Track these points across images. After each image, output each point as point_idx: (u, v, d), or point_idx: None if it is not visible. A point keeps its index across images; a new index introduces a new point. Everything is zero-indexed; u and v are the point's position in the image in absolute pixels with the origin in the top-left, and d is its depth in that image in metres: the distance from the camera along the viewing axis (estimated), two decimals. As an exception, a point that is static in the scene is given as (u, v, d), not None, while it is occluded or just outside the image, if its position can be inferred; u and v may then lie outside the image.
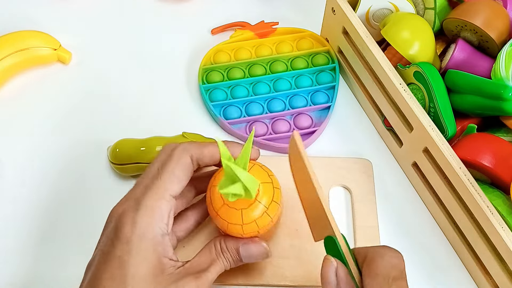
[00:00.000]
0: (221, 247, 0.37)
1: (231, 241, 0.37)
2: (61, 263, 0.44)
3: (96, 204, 0.47)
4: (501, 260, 0.39)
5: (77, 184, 0.48)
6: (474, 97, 0.44)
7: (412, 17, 0.48)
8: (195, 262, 0.36)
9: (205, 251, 0.37)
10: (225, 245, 0.37)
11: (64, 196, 0.48)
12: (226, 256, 0.37)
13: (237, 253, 0.37)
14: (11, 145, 0.50)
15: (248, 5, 0.61)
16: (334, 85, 0.53)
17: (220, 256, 0.37)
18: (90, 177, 0.49)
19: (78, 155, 0.50)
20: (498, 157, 0.42)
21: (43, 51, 0.54)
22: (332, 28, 0.53)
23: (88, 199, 0.47)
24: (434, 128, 0.42)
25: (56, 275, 0.44)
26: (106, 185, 0.48)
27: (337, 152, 0.51)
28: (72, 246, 0.45)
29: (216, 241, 0.37)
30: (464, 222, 0.42)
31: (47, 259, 0.45)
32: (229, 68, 0.54)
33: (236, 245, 0.37)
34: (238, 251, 0.37)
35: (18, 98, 0.53)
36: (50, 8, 0.60)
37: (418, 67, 0.45)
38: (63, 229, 0.46)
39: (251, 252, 0.37)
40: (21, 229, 0.46)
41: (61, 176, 0.49)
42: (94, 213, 0.46)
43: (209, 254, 0.37)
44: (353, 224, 0.46)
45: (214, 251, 0.37)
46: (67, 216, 0.47)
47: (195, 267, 0.35)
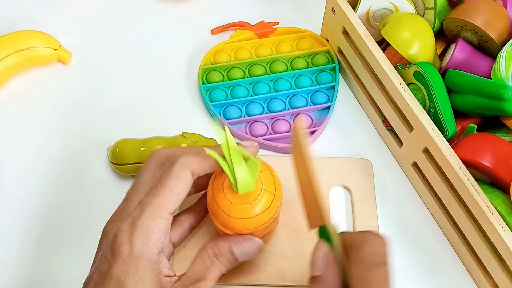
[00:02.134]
0: (214, 252, 0.36)
1: (222, 243, 0.36)
2: (60, 263, 0.44)
3: (96, 204, 0.47)
4: (501, 260, 0.39)
5: (77, 184, 0.48)
6: (474, 97, 0.44)
7: (412, 17, 0.48)
8: (191, 273, 0.35)
9: (198, 260, 0.36)
10: (218, 249, 0.36)
11: (64, 196, 0.48)
12: (221, 260, 0.36)
13: (231, 253, 0.36)
14: (11, 145, 0.50)
15: (248, 5, 0.61)
16: (334, 85, 0.53)
17: (214, 262, 0.36)
18: (90, 177, 0.49)
19: (78, 155, 0.50)
20: (498, 157, 0.42)
21: (43, 51, 0.54)
22: (332, 28, 0.53)
23: (88, 199, 0.47)
24: (434, 128, 0.42)
25: (55, 275, 0.44)
26: (106, 185, 0.48)
27: (337, 152, 0.51)
28: (72, 246, 0.45)
29: (206, 248, 0.36)
30: (464, 222, 0.42)
31: (46, 259, 0.45)
32: (229, 68, 0.54)
33: (228, 246, 0.36)
34: (232, 251, 0.36)
35: (18, 98, 0.53)
36: (50, 8, 0.60)
37: (418, 67, 0.45)
38: (63, 229, 0.46)
39: (244, 249, 0.36)
40: (20, 229, 0.46)
41: (61, 176, 0.49)
42: (94, 213, 0.46)
43: (202, 262, 0.36)
44: (353, 224, 0.46)
45: (207, 258, 0.36)
46: (67, 216, 0.47)
47: (192, 278, 0.35)
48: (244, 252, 0.37)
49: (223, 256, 0.36)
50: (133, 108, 0.53)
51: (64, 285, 0.43)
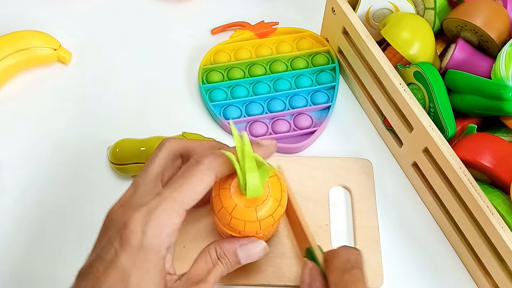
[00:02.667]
0: (218, 253, 0.36)
1: (227, 245, 0.36)
2: (61, 263, 0.44)
3: (96, 204, 0.47)
4: (501, 260, 0.39)
5: (77, 184, 0.48)
6: (474, 97, 0.44)
7: (412, 17, 0.48)
8: (192, 273, 0.35)
9: (201, 261, 0.36)
10: (221, 251, 0.36)
11: (64, 195, 0.48)
12: (224, 262, 0.36)
13: (235, 256, 0.36)
14: (11, 145, 0.50)
15: (248, 5, 0.61)
16: (334, 85, 0.53)
17: (217, 263, 0.36)
18: (90, 177, 0.49)
19: (78, 155, 0.50)
20: (498, 157, 0.42)
21: (43, 51, 0.54)
22: (332, 28, 0.53)
23: (88, 199, 0.47)
24: (434, 128, 0.42)
25: (55, 275, 0.44)
26: (106, 185, 0.48)
27: (337, 152, 0.51)
28: (72, 246, 0.45)
29: (210, 249, 0.36)
30: (464, 222, 0.42)
31: (46, 259, 0.45)
32: (229, 68, 0.54)
33: (232, 248, 0.36)
34: (236, 254, 0.36)
35: (18, 98, 0.53)
36: (50, 8, 0.60)
37: (418, 67, 0.45)
38: (63, 229, 0.46)
39: (250, 252, 0.36)
40: (20, 229, 0.46)
41: (61, 176, 0.49)
42: (94, 213, 0.46)
43: (205, 264, 0.35)
44: (353, 224, 0.46)
45: (210, 259, 0.36)
46: (67, 216, 0.47)
47: (192, 278, 0.34)
48: (249, 255, 0.37)
49: (226, 258, 0.36)
50: (133, 108, 0.53)
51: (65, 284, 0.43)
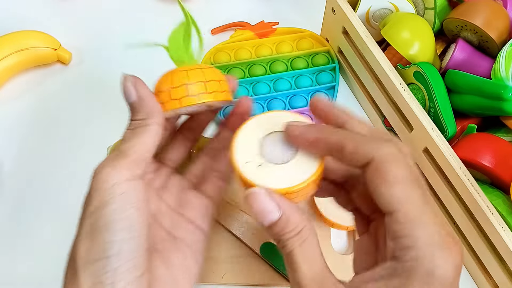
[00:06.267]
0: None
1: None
2: (61, 263, 0.44)
3: (96, 204, 0.47)
4: (501, 260, 0.39)
5: (77, 184, 0.48)
6: (474, 97, 0.44)
7: (412, 17, 0.48)
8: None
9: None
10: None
11: (64, 196, 0.48)
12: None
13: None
14: (11, 145, 0.50)
15: (248, 5, 0.61)
16: (334, 85, 0.53)
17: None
18: (90, 177, 0.49)
19: (78, 155, 0.50)
20: (498, 157, 0.42)
21: (43, 51, 0.54)
22: (332, 28, 0.53)
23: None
24: (434, 128, 0.42)
25: (56, 275, 0.44)
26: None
27: (337, 152, 0.51)
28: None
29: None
30: (464, 222, 0.42)
31: (46, 259, 0.44)
32: (229, 68, 0.54)
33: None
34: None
35: (18, 98, 0.53)
36: (50, 8, 0.60)
37: (418, 67, 0.45)
38: (63, 230, 0.46)
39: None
40: (20, 229, 0.46)
41: (61, 176, 0.49)
42: (94, 213, 0.46)
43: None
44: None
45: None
46: (67, 216, 0.47)
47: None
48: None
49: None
50: (133, 108, 0.53)
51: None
